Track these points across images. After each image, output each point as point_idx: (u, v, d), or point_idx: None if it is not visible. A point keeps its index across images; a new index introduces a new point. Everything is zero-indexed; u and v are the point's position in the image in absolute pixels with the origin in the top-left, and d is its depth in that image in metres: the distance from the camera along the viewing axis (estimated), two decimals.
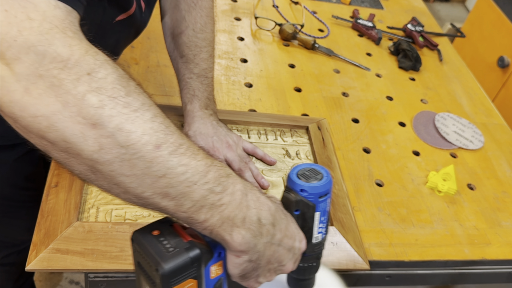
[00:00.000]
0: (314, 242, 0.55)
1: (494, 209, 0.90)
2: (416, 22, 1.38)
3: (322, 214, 0.53)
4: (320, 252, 0.57)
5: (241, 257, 0.46)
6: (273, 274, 0.51)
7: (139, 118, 0.38)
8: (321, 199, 0.52)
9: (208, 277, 0.47)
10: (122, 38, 0.77)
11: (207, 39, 0.81)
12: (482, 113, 1.15)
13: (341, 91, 1.09)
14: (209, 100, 0.81)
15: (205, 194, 0.41)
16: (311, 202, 0.51)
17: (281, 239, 0.48)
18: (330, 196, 0.54)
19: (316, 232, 0.54)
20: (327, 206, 0.54)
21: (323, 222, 0.54)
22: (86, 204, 0.70)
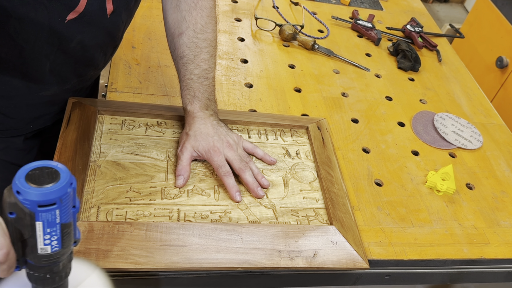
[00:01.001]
0: (41, 253, 0.47)
1: (492, 208, 0.90)
2: (415, 22, 1.39)
3: (48, 226, 0.45)
4: (56, 266, 0.50)
5: None
6: None
7: None
8: (43, 209, 0.44)
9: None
10: (88, 40, 0.74)
11: (208, 40, 0.81)
12: (481, 113, 1.15)
13: (341, 91, 1.10)
14: (210, 100, 0.82)
15: None
16: (27, 209, 0.43)
17: None
18: (65, 207, 0.45)
19: (42, 244, 0.47)
20: (57, 218, 0.45)
21: (51, 233, 0.46)
22: (87, 203, 0.70)
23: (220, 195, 0.77)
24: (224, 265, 0.67)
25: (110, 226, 0.66)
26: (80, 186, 0.70)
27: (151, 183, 0.75)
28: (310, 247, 0.72)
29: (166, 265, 0.65)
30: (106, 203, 0.71)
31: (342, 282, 0.79)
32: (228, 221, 0.74)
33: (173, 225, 0.69)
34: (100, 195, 0.72)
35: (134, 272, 0.68)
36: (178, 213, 0.72)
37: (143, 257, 0.65)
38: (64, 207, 0.45)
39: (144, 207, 0.72)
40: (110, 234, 0.66)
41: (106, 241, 0.65)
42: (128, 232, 0.66)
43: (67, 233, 0.48)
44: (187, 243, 0.67)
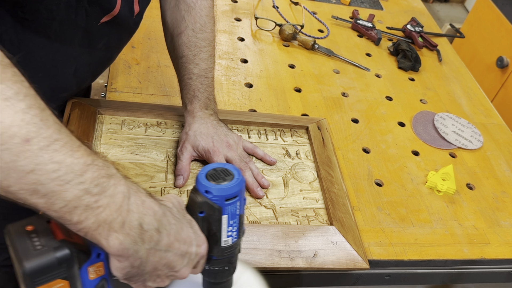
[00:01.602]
0: (224, 246, 0.52)
1: (493, 208, 0.90)
2: (415, 22, 1.39)
3: (231, 218, 0.50)
4: (233, 256, 0.54)
5: (120, 262, 0.44)
6: (165, 280, 0.49)
7: (9, 108, 0.35)
8: (229, 202, 0.49)
9: (87, 278, 0.44)
10: (113, 41, 0.76)
11: (207, 39, 0.81)
12: (481, 113, 1.15)
13: (341, 91, 1.09)
14: (209, 100, 0.82)
15: (79, 195, 0.39)
16: (216, 204, 0.49)
17: (170, 245, 0.46)
18: (242, 199, 0.51)
19: (225, 236, 0.51)
20: (238, 209, 0.51)
21: (232, 225, 0.51)
22: None
23: None
24: None
25: None
26: None
27: (150, 183, 0.75)
28: (310, 247, 0.71)
29: None
30: None
31: (342, 282, 0.79)
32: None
33: None
34: None
35: None
36: None
37: None
38: (242, 199, 0.51)
39: None
40: None
41: None
42: None
43: (241, 224, 0.53)
44: None
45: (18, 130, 0.36)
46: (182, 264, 0.48)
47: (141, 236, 0.43)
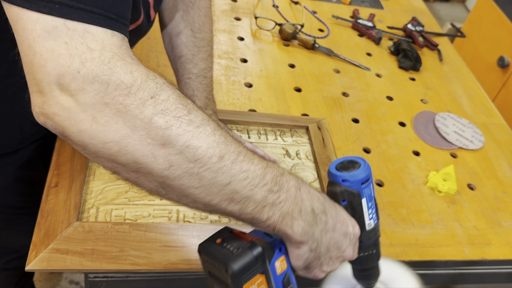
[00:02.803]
0: (368, 229, 0.56)
1: (494, 209, 0.90)
2: (416, 22, 1.38)
3: (369, 200, 0.55)
4: (377, 239, 0.58)
5: (301, 248, 0.49)
6: (336, 262, 0.53)
7: (202, 133, 0.40)
8: (364, 185, 0.54)
9: (275, 273, 0.50)
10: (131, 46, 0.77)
11: (206, 39, 0.81)
12: (482, 113, 1.15)
13: (341, 91, 1.09)
14: (209, 100, 0.81)
15: (265, 195, 0.44)
16: (355, 190, 0.54)
17: (334, 225, 0.51)
18: (372, 182, 0.56)
19: (368, 219, 0.56)
20: (372, 192, 0.56)
21: (371, 208, 0.56)
22: (86, 204, 0.70)
23: None
24: None
25: (109, 227, 0.66)
26: (79, 187, 0.70)
27: None
28: None
29: (165, 266, 0.65)
30: (105, 203, 0.70)
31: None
32: (228, 221, 0.73)
33: (172, 226, 0.68)
34: (99, 195, 0.71)
35: (133, 273, 0.68)
36: (177, 214, 0.72)
37: (142, 258, 0.64)
38: (372, 182, 0.56)
39: (143, 208, 0.71)
40: (109, 235, 0.65)
41: (105, 242, 0.64)
42: (127, 232, 0.66)
43: (376, 206, 0.57)
44: (186, 244, 0.67)
45: (213, 151, 0.40)
46: (346, 243, 0.53)
47: (315, 219, 0.49)
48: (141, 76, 0.38)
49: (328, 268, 0.53)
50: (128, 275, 0.68)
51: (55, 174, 0.71)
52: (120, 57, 0.38)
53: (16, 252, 1.05)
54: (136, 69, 0.38)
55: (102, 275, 0.67)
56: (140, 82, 0.38)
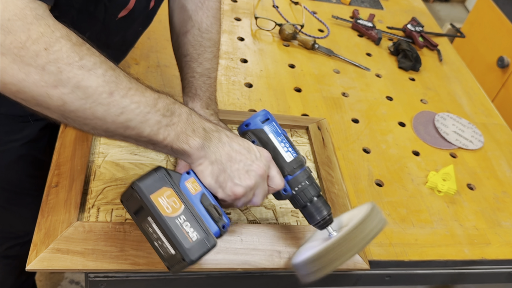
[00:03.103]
0: (289, 160, 0.64)
1: (494, 209, 0.90)
2: (416, 22, 1.39)
3: (277, 135, 0.64)
4: (304, 172, 0.64)
5: (203, 163, 0.57)
6: (248, 176, 0.58)
7: (93, 75, 0.48)
8: (266, 123, 0.64)
9: (189, 193, 0.57)
10: (129, 35, 0.79)
11: (212, 40, 0.82)
12: (482, 113, 1.15)
13: (341, 91, 1.09)
14: (211, 100, 0.82)
15: (158, 119, 0.53)
16: (258, 128, 0.64)
17: (230, 142, 0.59)
18: (276, 122, 0.65)
19: (284, 152, 0.64)
20: (278, 129, 0.65)
21: (283, 142, 0.64)
22: (87, 204, 0.70)
23: None
24: (223, 266, 0.67)
25: (109, 227, 0.66)
26: (79, 187, 0.70)
27: None
28: None
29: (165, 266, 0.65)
30: (106, 203, 0.71)
31: (342, 283, 0.79)
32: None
33: None
34: (100, 195, 0.71)
35: (133, 273, 0.68)
36: None
37: (142, 258, 0.64)
38: (276, 123, 0.65)
39: None
40: (110, 235, 0.65)
41: (105, 242, 0.65)
42: (128, 232, 0.66)
43: (292, 144, 0.65)
44: None
45: (102, 88, 0.48)
46: (252, 158, 0.59)
47: (208, 135, 0.57)
48: (37, 33, 0.45)
49: (241, 182, 0.58)
50: (128, 275, 0.68)
51: (55, 174, 0.71)
52: (20, 17, 0.44)
53: (18, 238, 1.04)
54: (34, 27, 0.45)
55: (103, 274, 0.67)
56: (35, 37, 0.45)
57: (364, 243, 0.59)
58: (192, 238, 0.53)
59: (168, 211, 0.53)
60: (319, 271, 0.60)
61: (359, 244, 0.59)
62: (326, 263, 0.59)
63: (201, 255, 0.53)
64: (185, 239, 0.53)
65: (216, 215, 0.57)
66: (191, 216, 0.54)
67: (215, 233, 0.56)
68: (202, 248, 0.54)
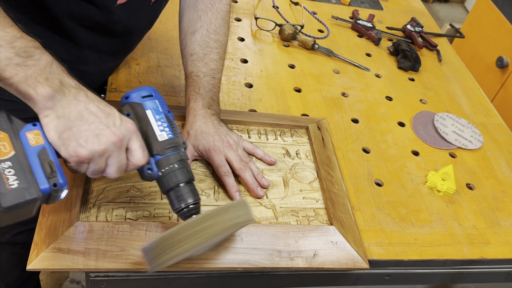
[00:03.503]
0: (161, 140, 0.61)
1: (493, 208, 0.90)
2: (415, 22, 1.39)
3: (156, 113, 0.62)
4: (178, 155, 0.61)
5: (49, 116, 0.54)
6: (95, 139, 0.55)
7: None
8: (146, 99, 0.62)
9: (27, 143, 0.54)
10: (132, 26, 0.80)
11: (219, 41, 0.83)
12: (481, 113, 1.15)
13: (341, 91, 1.09)
14: (213, 100, 0.82)
15: (10, 56, 0.52)
16: (136, 102, 0.62)
17: (88, 102, 0.56)
18: (160, 100, 0.63)
19: (158, 130, 0.61)
20: (159, 107, 0.62)
21: (160, 120, 0.62)
22: (87, 203, 0.70)
23: (220, 195, 0.77)
24: (224, 266, 0.67)
25: (110, 226, 0.66)
26: (80, 186, 0.70)
27: (151, 183, 0.75)
28: (310, 247, 0.71)
29: None
30: (106, 203, 0.71)
31: (342, 282, 0.79)
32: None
33: (173, 225, 0.69)
34: (100, 195, 0.72)
35: (134, 272, 0.68)
36: None
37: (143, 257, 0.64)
38: (160, 101, 0.63)
39: (144, 207, 0.72)
40: (110, 234, 0.66)
41: (106, 241, 0.65)
42: (128, 232, 0.66)
43: (172, 125, 0.62)
44: None
45: None
46: (108, 122, 0.56)
47: (62, 89, 0.55)
48: None
49: (87, 144, 0.55)
50: (129, 274, 0.68)
51: None
52: None
53: (26, 225, 1.02)
54: None
55: (103, 274, 0.67)
56: None
57: (214, 232, 0.57)
58: (11, 185, 0.50)
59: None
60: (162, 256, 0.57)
61: (209, 231, 0.57)
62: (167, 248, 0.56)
63: (16, 204, 0.50)
64: (2, 184, 0.50)
65: (48, 171, 0.53)
66: (18, 165, 0.51)
67: (43, 190, 0.52)
68: (19, 198, 0.50)
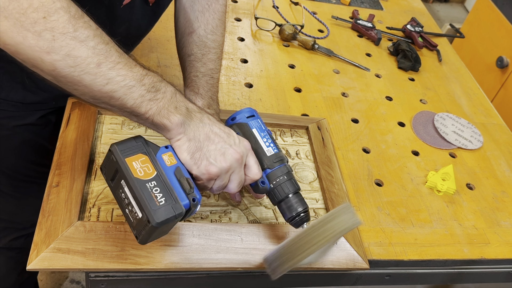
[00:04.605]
0: (269, 154, 0.67)
1: (493, 208, 0.90)
2: (415, 22, 1.39)
3: (260, 131, 0.69)
4: (284, 167, 0.67)
5: (181, 139, 0.60)
6: (222, 157, 0.61)
7: (84, 46, 0.52)
8: (250, 119, 0.69)
9: (164, 164, 0.59)
10: (133, 28, 0.80)
11: (217, 41, 0.83)
12: (481, 113, 1.15)
13: (341, 91, 1.10)
14: (213, 100, 0.82)
15: (143, 93, 0.56)
16: (242, 122, 0.69)
17: (211, 124, 0.62)
18: (260, 119, 0.70)
19: (265, 146, 0.67)
20: (262, 125, 0.69)
21: (266, 137, 0.68)
22: (87, 203, 0.70)
23: (220, 195, 0.77)
24: (224, 266, 0.67)
25: (110, 226, 0.66)
26: (80, 187, 0.70)
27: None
28: None
29: (166, 265, 0.65)
30: (106, 203, 0.71)
31: (342, 282, 0.79)
32: (228, 221, 0.73)
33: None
34: (100, 195, 0.72)
35: (134, 272, 0.68)
36: None
37: (143, 257, 0.65)
38: (261, 120, 0.70)
39: None
40: (110, 234, 0.66)
41: (106, 241, 0.65)
42: (128, 232, 0.66)
43: (275, 141, 0.69)
44: (187, 243, 0.67)
45: (91, 59, 0.52)
46: (230, 142, 0.62)
47: (189, 114, 0.61)
48: (38, 2, 0.48)
49: (216, 162, 0.60)
50: (129, 274, 0.68)
51: (56, 173, 0.71)
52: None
53: (23, 230, 1.04)
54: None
55: (103, 274, 0.67)
56: (36, 6, 0.48)
57: (328, 238, 0.60)
58: (160, 202, 0.55)
59: (140, 174, 0.56)
60: (285, 264, 0.62)
61: (323, 238, 0.60)
62: (289, 256, 0.61)
63: (166, 219, 0.55)
64: (153, 202, 0.55)
65: (187, 187, 0.58)
66: (162, 184, 0.57)
67: (184, 205, 0.57)
68: (168, 213, 0.55)
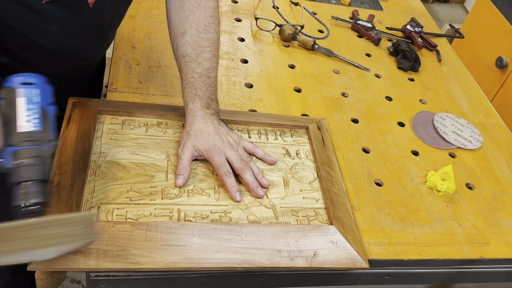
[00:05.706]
0: (20, 131, 0.55)
1: (492, 208, 0.91)
2: (415, 23, 1.39)
3: (29, 102, 0.58)
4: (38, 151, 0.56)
5: None
6: None
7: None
8: (24, 86, 0.59)
9: None
10: (69, 27, 0.75)
11: (211, 39, 0.82)
12: (480, 113, 1.15)
13: (341, 91, 1.10)
14: (211, 99, 0.82)
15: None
16: (12, 87, 0.58)
17: None
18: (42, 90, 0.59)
19: (24, 121, 0.56)
20: (36, 98, 0.58)
21: (32, 110, 0.57)
22: (87, 203, 0.70)
23: (220, 195, 0.77)
24: (224, 265, 0.67)
25: (110, 226, 0.67)
26: (81, 186, 0.71)
27: (151, 183, 0.76)
28: (310, 247, 0.72)
29: (166, 265, 0.65)
30: (107, 203, 0.71)
31: (342, 282, 0.79)
32: (228, 221, 0.74)
33: (173, 225, 0.69)
34: (101, 195, 0.72)
35: (134, 272, 0.68)
36: (178, 213, 0.72)
37: (143, 257, 0.65)
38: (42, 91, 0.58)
39: (145, 207, 0.72)
40: (110, 234, 0.66)
41: (106, 241, 0.65)
42: (128, 232, 0.67)
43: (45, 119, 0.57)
44: (187, 243, 0.67)
45: None
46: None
47: None
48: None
49: None
50: (129, 274, 0.68)
51: (57, 173, 0.72)
52: None
53: None
54: None
55: (104, 274, 0.67)
56: None
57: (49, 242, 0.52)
58: None
59: None
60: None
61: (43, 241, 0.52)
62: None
63: None
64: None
65: None
66: None
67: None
68: None
